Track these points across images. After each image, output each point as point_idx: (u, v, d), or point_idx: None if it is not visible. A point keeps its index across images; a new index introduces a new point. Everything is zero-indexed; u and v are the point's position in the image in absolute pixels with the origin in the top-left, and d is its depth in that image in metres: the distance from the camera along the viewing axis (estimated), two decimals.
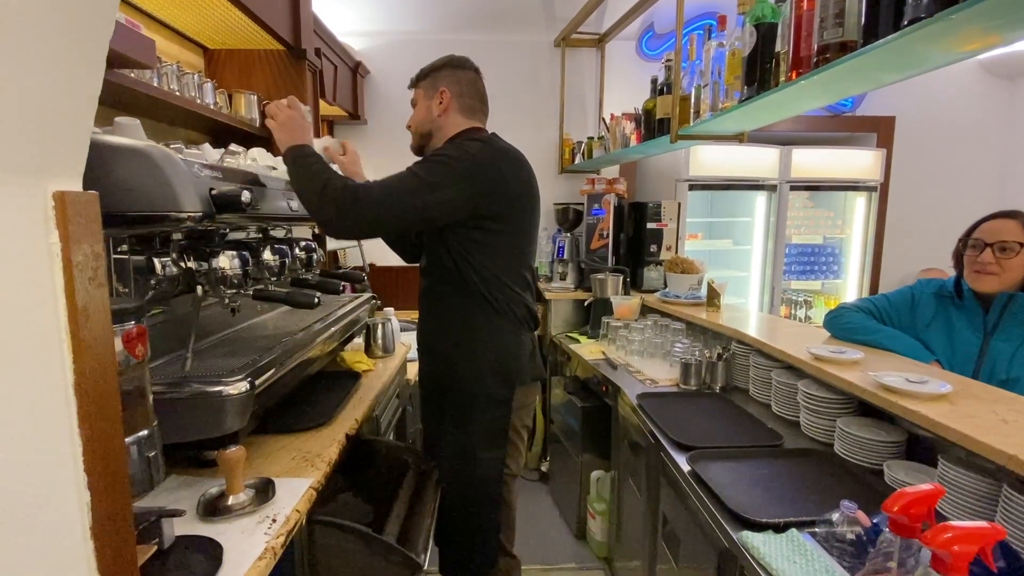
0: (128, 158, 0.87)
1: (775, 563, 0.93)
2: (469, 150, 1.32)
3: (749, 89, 1.47)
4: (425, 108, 1.43)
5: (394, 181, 1.28)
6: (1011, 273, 1.45)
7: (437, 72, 1.42)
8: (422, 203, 1.27)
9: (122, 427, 0.46)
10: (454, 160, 1.30)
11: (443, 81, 1.41)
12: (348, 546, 1.01)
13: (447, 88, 1.41)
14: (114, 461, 0.41)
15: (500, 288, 1.37)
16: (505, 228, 1.37)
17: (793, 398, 1.56)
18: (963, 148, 3.73)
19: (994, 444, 0.96)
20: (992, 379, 1.45)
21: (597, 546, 2.28)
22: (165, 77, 1.51)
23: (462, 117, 1.43)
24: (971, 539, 0.62)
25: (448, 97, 1.41)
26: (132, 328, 0.70)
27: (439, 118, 1.42)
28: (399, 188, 1.26)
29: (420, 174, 1.28)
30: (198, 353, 1.20)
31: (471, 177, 1.30)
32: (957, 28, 0.89)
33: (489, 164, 1.33)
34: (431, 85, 1.42)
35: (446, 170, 1.29)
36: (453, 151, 1.33)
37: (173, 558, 0.79)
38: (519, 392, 1.43)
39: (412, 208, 1.26)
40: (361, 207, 1.22)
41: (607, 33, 3.29)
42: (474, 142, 1.35)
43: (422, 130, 1.45)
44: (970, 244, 1.52)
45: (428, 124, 1.44)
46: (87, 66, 0.39)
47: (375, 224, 1.28)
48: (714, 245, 3.54)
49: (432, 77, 1.42)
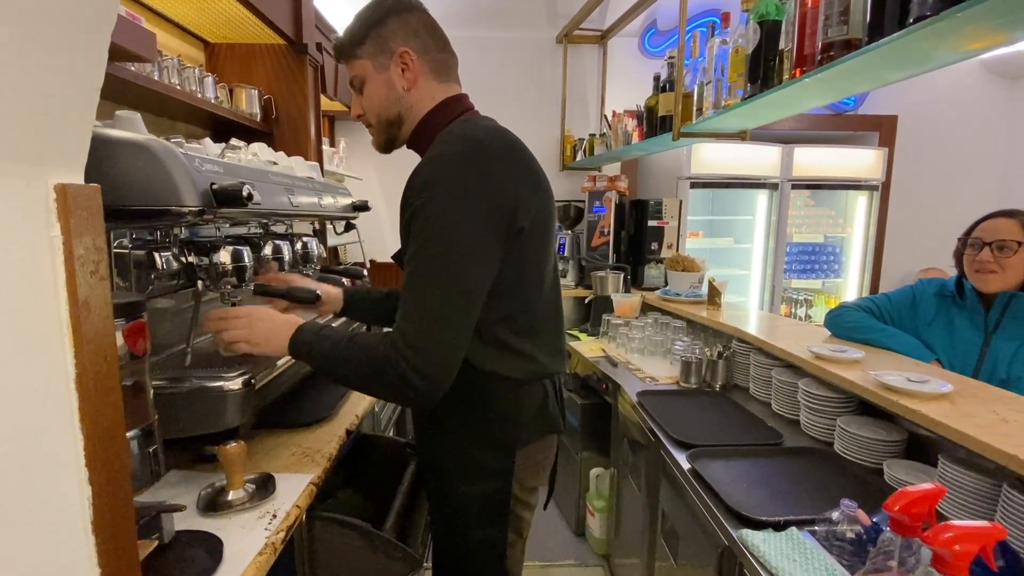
0: (129, 152, 0.86)
1: (775, 561, 0.93)
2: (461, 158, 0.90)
3: (752, 87, 1.47)
4: (383, 84, 0.99)
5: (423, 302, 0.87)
6: (1011, 271, 1.45)
7: (380, 27, 0.97)
8: (477, 275, 0.89)
9: (124, 422, 0.45)
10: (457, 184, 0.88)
11: (396, 38, 0.97)
12: (348, 542, 1.01)
13: (407, 47, 0.97)
14: (115, 456, 0.41)
15: (492, 340, 0.98)
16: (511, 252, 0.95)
17: (793, 397, 1.56)
18: (965, 147, 3.72)
19: (994, 444, 0.96)
20: (993, 378, 1.45)
21: (596, 543, 2.29)
22: (166, 71, 1.50)
23: (436, 82, 1.02)
24: (972, 538, 0.62)
25: (413, 59, 0.98)
26: (133, 323, 0.69)
27: (409, 93, 1.00)
28: (439, 308, 0.86)
29: (450, 243, 0.87)
30: (198, 348, 1.20)
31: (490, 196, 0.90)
32: (962, 26, 0.89)
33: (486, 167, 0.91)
34: (380, 49, 0.98)
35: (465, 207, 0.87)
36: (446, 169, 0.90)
37: (173, 553, 0.78)
38: (522, 455, 1.05)
39: (467, 308, 0.89)
40: (428, 369, 0.85)
41: (609, 30, 3.28)
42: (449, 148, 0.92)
43: (387, 115, 1.02)
44: (969, 243, 1.52)
45: (395, 106, 1.01)
46: (89, 57, 0.38)
47: (459, 346, 0.89)
48: (715, 243, 3.53)
49: (376, 37, 0.98)
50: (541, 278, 1.03)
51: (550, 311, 1.07)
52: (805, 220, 3.49)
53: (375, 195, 3.44)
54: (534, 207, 0.96)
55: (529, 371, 1.02)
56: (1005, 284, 1.46)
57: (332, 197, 1.66)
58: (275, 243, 1.35)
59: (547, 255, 1.04)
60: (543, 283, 1.03)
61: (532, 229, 0.96)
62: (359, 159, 3.41)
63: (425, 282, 0.87)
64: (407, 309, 0.87)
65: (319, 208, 1.52)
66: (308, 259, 1.57)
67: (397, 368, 0.85)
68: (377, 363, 0.87)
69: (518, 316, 0.99)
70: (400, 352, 0.85)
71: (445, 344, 0.87)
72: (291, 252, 1.43)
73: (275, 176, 1.32)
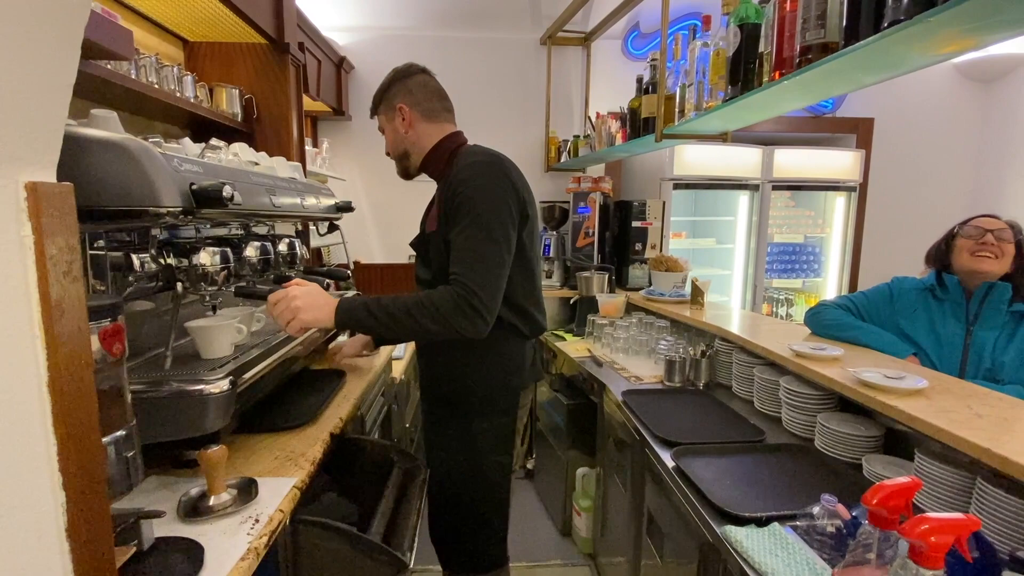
0: (104, 151, 0.85)
1: (757, 556, 0.95)
2: (488, 168, 1.28)
3: (733, 89, 1.49)
4: (392, 131, 1.41)
5: (482, 252, 1.21)
6: (1005, 260, 1.52)
7: (388, 91, 1.40)
8: (510, 246, 1.26)
9: (99, 425, 0.44)
10: (493, 187, 1.26)
11: (397, 97, 1.39)
12: (332, 546, 1.00)
13: (402, 103, 1.38)
14: (90, 460, 0.40)
15: (507, 303, 1.34)
16: (522, 239, 1.34)
17: (775, 394, 1.58)
18: (939, 149, 3.82)
19: (968, 437, 0.98)
20: (980, 368, 1.50)
21: (582, 542, 2.30)
22: (143, 69, 1.47)
23: (428, 124, 1.40)
24: (947, 530, 0.63)
25: (407, 111, 1.38)
26: (109, 325, 0.68)
27: (408, 135, 1.40)
28: (493, 257, 1.22)
29: (492, 225, 1.22)
30: (178, 352, 1.18)
31: (513, 197, 1.28)
32: (935, 30, 0.91)
33: (507, 177, 1.29)
34: (388, 107, 1.40)
35: (500, 202, 1.25)
36: (480, 177, 1.26)
37: (153, 560, 0.77)
38: (522, 396, 1.47)
39: (507, 258, 1.26)
40: (483, 307, 1.18)
41: (593, 32, 3.30)
42: (476, 157, 1.31)
43: (398, 152, 1.43)
44: (967, 233, 1.57)
45: (401, 144, 1.41)
46: (61, 53, 0.37)
47: (501, 290, 1.24)
48: (698, 244, 3.57)
49: (386, 99, 1.40)
50: (536, 257, 1.43)
51: (539, 283, 1.46)
52: (786, 221, 3.55)
53: (359, 196, 3.41)
54: (530, 204, 1.36)
55: (531, 328, 1.42)
56: (999, 268, 1.52)
57: (315, 198, 1.65)
58: (256, 244, 1.33)
59: (537, 241, 1.44)
60: (537, 261, 1.44)
61: (531, 219, 1.35)
62: (343, 160, 3.38)
63: (480, 243, 1.21)
64: (467, 263, 1.20)
65: (302, 209, 1.51)
66: (291, 260, 1.56)
67: (470, 302, 1.16)
68: (447, 303, 1.17)
69: (525, 283, 1.37)
70: (469, 290, 1.17)
71: (497, 288, 1.22)
72: (273, 253, 1.41)
73: (256, 176, 1.31)
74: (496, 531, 1.48)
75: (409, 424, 2.32)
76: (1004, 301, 1.50)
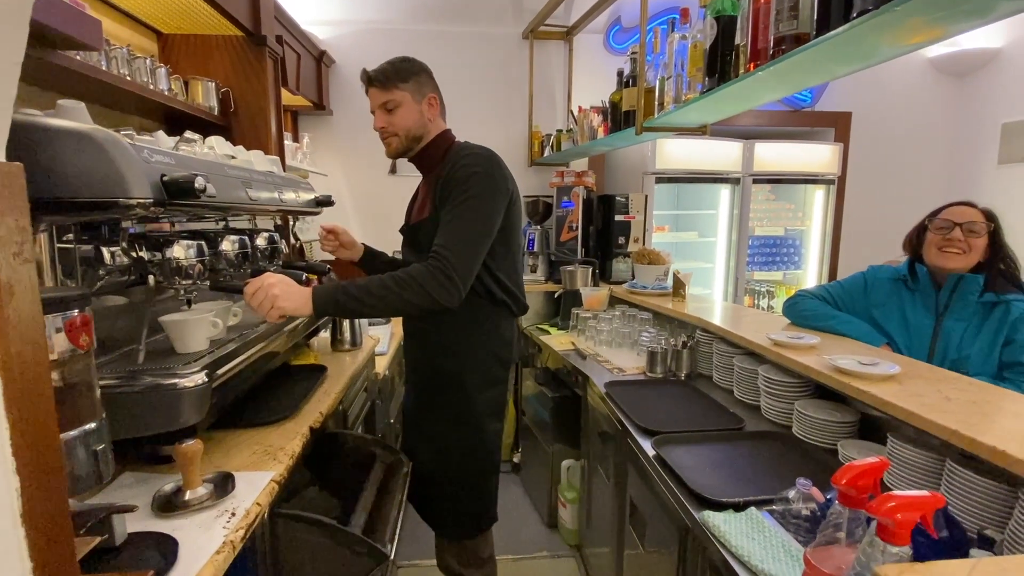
0: (71, 141, 0.83)
1: (735, 540, 0.96)
2: (487, 161, 1.39)
3: (710, 81, 1.50)
4: (416, 112, 1.44)
5: (465, 229, 1.31)
6: (973, 254, 1.53)
7: (419, 77, 1.44)
8: (491, 231, 1.37)
9: (55, 410, 0.44)
10: (488, 177, 1.36)
11: (428, 87, 1.46)
12: (312, 539, 1.00)
13: (434, 94, 1.47)
14: (45, 445, 0.39)
15: (500, 284, 1.47)
16: (508, 227, 1.44)
17: (754, 383, 1.60)
18: (914, 142, 3.89)
19: (938, 420, 1.00)
20: (946, 358, 1.52)
21: (568, 534, 2.31)
22: (115, 61, 1.44)
23: (440, 119, 1.51)
24: (913, 507, 0.65)
25: (437, 102, 1.48)
26: (76, 317, 0.67)
27: (429, 124, 1.47)
28: (474, 234, 1.32)
29: (479, 207, 1.33)
30: (153, 347, 1.16)
31: (503, 190, 1.39)
32: (902, 20, 0.93)
33: (501, 171, 1.41)
34: (418, 90, 1.44)
35: (492, 190, 1.36)
36: (478, 166, 1.36)
37: (125, 555, 0.76)
38: (511, 370, 1.62)
39: (487, 240, 1.35)
40: (456, 275, 1.26)
41: (575, 26, 3.30)
42: (475, 150, 1.42)
43: (415, 134, 1.46)
44: (937, 225, 1.58)
45: (419, 130, 1.46)
46: (6, 29, 0.36)
47: (476, 267, 1.34)
48: (680, 237, 3.60)
49: (417, 82, 1.44)
50: (520, 243, 1.57)
51: (520, 267, 1.60)
52: (766, 214, 3.59)
53: (341, 191, 3.38)
54: (516, 193, 1.48)
55: (519, 306, 1.55)
56: (965, 264, 1.53)
57: (294, 192, 1.63)
58: (233, 238, 1.31)
59: (520, 227, 1.55)
60: (519, 247, 1.58)
61: (517, 208, 1.48)
62: (324, 155, 3.35)
63: (464, 224, 1.31)
64: (448, 240, 1.29)
65: (280, 203, 1.49)
66: (270, 255, 1.54)
67: (445, 271, 1.25)
68: (422, 273, 1.25)
69: (511, 266, 1.50)
70: (447, 260, 1.26)
71: (473, 262, 1.32)
72: (251, 247, 1.40)
73: (232, 169, 1.29)
74: (493, 491, 1.60)
75: (393, 420, 2.31)
76: (974, 292, 1.52)
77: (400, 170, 3.36)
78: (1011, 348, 1.47)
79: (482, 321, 1.49)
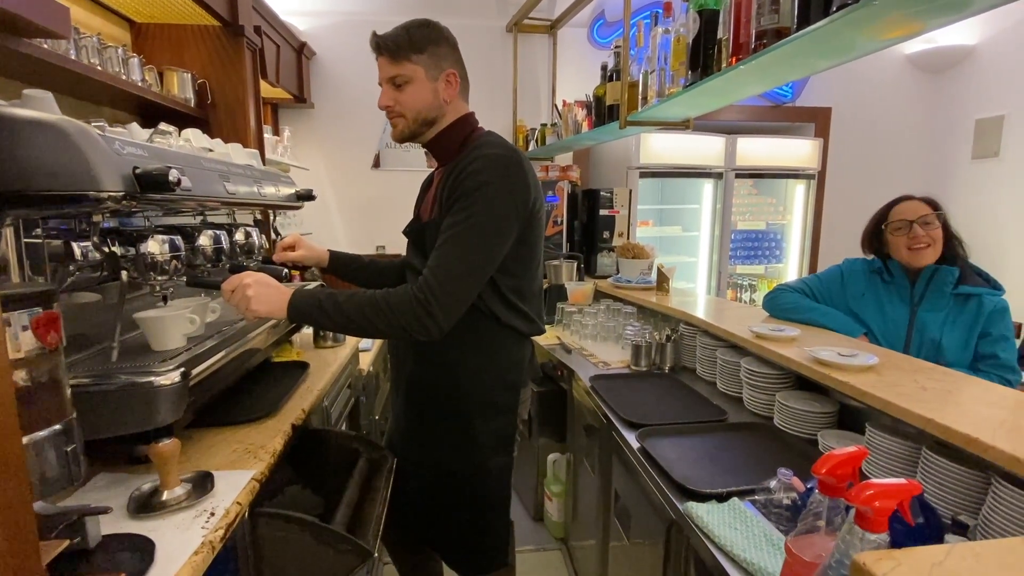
0: (38, 132, 0.80)
1: (718, 530, 0.97)
2: (503, 168, 1.14)
3: (693, 75, 1.51)
4: (430, 91, 1.20)
5: (462, 257, 1.10)
6: (938, 244, 1.58)
7: (437, 48, 1.19)
8: (495, 259, 1.15)
9: (15, 404, 0.42)
10: (501, 191, 1.13)
11: (447, 60, 1.21)
12: (295, 537, 0.98)
13: (454, 70, 1.22)
14: (5, 442, 0.38)
15: (509, 305, 1.26)
16: (527, 242, 1.23)
17: (736, 375, 1.62)
18: (892, 137, 3.96)
19: (914, 409, 1.02)
20: (922, 348, 1.56)
21: (554, 527, 2.32)
22: (84, 50, 1.40)
23: (461, 100, 1.27)
24: (890, 494, 0.65)
25: (457, 80, 1.23)
26: (42, 314, 0.64)
27: (447, 104, 1.23)
28: (470, 266, 1.11)
29: (483, 231, 1.11)
30: (128, 344, 1.13)
31: (519, 204, 1.16)
32: (880, 14, 0.94)
33: (520, 180, 1.16)
34: (434, 64, 1.19)
35: (503, 209, 1.13)
36: (492, 175, 1.13)
37: (100, 557, 0.74)
38: (522, 394, 1.39)
39: (486, 270, 1.15)
40: (439, 311, 1.08)
41: (559, 19, 3.29)
42: (494, 150, 1.17)
43: (425, 117, 1.22)
44: (895, 227, 1.61)
45: (433, 111, 1.22)
46: None
47: (465, 303, 1.14)
48: (664, 232, 3.63)
49: (433, 53, 1.19)
50: (539, 258, 1.32)
51: (539, 284, 1.36)
52: (749, 208, 3.63)
53: (323, 185, 3.33)
54: (539, 201, 1.24)
55: (530, 328, 1.33)
56: (935, 254, 1.58)
57: (273, 186, 1.60)
58: (210, 233, 1.28)
59: (542, 239, 1.32)
60: (539, 262, 1.33)
61: (538, 218, 1.24)
62: (306, 148, 3.29)
63: (461, 251, 1.11)
64: (439, 264, 1.10)
65: (259, 197, 1.46)
66: (249, 250, 1.51)
67: (428, 308, 1.07)
68: (403, 306, 1.08)
69: (524, 285, 1.28)
70: (432, 294, 1.07)
71: (459, 300, 1.12)
72: (229, 242, 1.37)
73: (209, 162, 1.26)
74: (500, 531, 1.41)
75: (379, 416, 2.29)
76: (948, 284, 1.56)
77: (384, 164, 3.33)
78: (986, 341, 1.51)
79: (487, 341, 1.27)
